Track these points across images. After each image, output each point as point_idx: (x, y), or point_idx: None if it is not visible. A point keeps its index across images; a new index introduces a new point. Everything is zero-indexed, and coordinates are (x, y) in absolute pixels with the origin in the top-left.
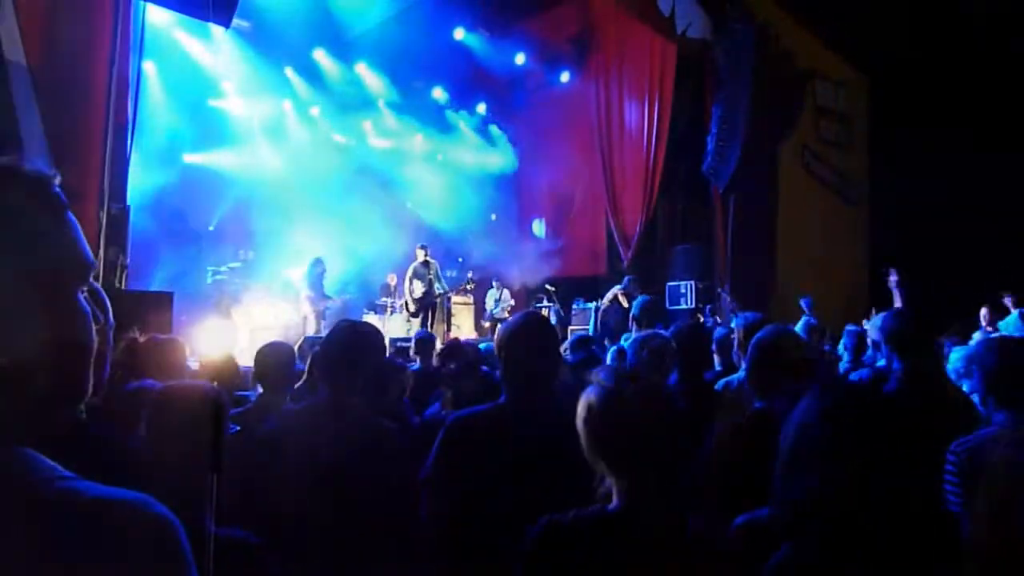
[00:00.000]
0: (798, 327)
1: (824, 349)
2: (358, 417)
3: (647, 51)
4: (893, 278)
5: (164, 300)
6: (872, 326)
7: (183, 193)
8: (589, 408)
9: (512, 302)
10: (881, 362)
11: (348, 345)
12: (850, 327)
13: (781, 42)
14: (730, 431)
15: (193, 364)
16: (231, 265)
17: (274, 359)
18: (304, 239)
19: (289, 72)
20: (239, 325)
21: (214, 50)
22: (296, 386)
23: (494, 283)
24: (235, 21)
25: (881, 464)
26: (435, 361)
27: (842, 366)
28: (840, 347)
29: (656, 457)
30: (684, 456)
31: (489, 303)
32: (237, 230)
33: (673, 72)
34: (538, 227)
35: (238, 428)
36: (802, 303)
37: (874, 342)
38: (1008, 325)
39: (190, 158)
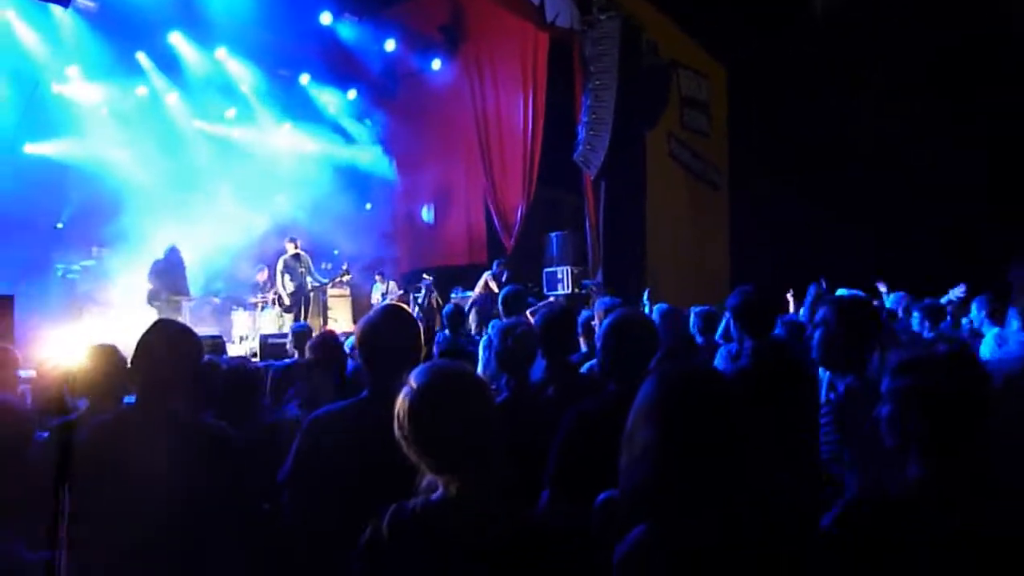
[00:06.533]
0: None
1: (689, 332)
2: (173, 422)
3: (519, 39)
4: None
5: (3, 304)
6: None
7: (24, 187)
8: (398, 413)
9: (400, 292)
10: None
11: (160, 347)
12: (697, 308)
13: (646, 33)
14: (582, 414)
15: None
16: (84, 263)
17: (97, 365)
18: (165, 234)
19: (142, 57)
20: (94, 328)
21: (55, 33)
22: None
23: (376, 277)
24: (79, 1)
25: (724, 445)
26: (306, 354)
27: (698, 344)
28: (692, 327)
29: (472, 450)
30: (509, 444)
31: (376, 296)
32: (89, 226)
33: (546, 60)
34: (427, 213)
35: (46, 435)
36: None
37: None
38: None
39: (31, 148)
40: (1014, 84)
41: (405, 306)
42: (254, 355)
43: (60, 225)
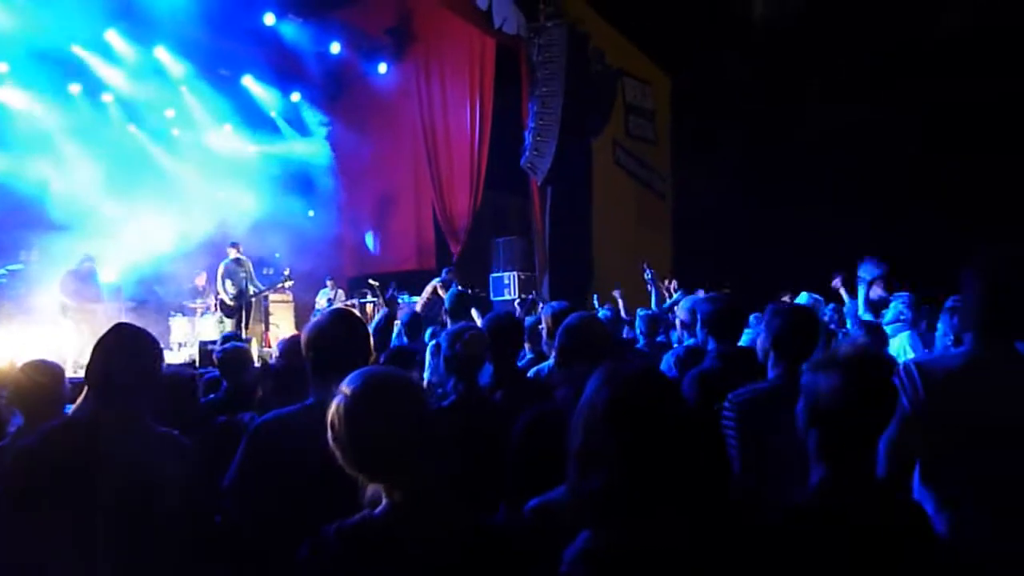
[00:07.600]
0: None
1: (624, 334)
2: (130, 429)
3: (467, 44)
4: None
5: None
6: (682, 307)
7: None
8: (331, 422)
9: (348, 301)
10: (689, 341)
11: (115, 350)
12: (642, 311)
13: (592, 40)
14: (536, 419)
15: None
16: (11, 267)
17: (34, 380)
18: (100, 238)
19: (77, 53)
20: (23, 335)
21: None
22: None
23: (328, 282)
24: None
25: (675, 445)
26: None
27: (638, 347)
28: (636, 330)
29: (410, 455)
30: (457, 446)
31: (321, 302)
32: (18, 230)
33: (493, 66)
34: (370, 240)
35: None
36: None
37: (682, 322)
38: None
39: None
40: (955, 80)
41: (353, 310)
42: (193, 362)
43: None
